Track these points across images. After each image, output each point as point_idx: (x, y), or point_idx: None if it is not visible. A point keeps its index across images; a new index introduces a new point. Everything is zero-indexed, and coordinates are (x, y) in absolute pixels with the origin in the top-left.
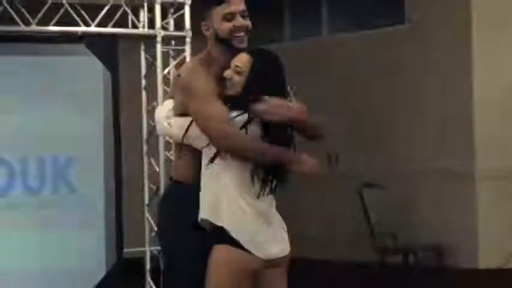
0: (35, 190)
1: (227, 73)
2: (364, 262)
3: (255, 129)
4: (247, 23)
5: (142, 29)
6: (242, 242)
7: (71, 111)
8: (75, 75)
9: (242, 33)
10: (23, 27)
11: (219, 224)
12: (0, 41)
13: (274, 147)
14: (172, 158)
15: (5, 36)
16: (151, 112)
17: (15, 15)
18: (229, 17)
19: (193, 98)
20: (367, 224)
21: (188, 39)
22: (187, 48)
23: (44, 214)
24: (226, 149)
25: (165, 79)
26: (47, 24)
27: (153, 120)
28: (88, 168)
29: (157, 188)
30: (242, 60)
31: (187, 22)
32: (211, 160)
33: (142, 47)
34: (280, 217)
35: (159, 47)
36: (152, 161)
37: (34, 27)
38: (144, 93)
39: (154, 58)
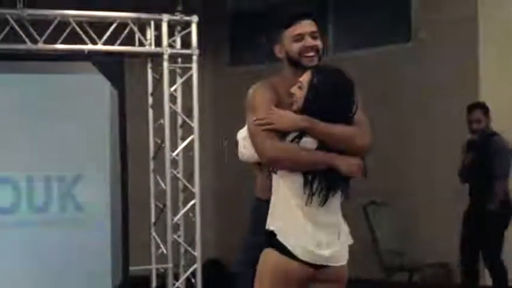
0: (41, 209)
1: (292, 89)
2: (370, 280)
3: (309, 141)
4: (317, 43)
5: (149, 47)
6: (289, 246)
7: (78, 129)
8: (82, 93)
9: (312, 53)
10: (30, 45)
11: (271, 228)
12: (8, 59)
13: (316, 154)
14: (178, 176)
15: (12, 54)
16: (157, 130)
17: (22, 34)
18: (298, 37)
19: (250, 114)
20: (373, 242)
21: (195, 57)
22: (194, 66)
23: (50, 232)
24: (269, 164)
25: (172, 97)
26: (54, 43)
27: (160, 138)
28: (94, 186)
29: (164, 206)
30: (305, 76)
31: (194, 40)
32: (272, 170)
33: (149, 65)
34: (346, 228)
35: (165, 65)
36: (159, 179)
37: (41, 46)
38: (150, 111)
39: (161, 76)
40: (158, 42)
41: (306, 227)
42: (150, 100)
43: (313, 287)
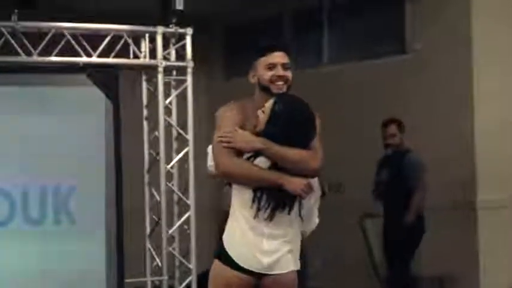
0: (36, 220)
1: (258, 112)
2: None
3: (263, 160)
4: (287, 74)
5: (144, 59)
6: (232, 255)
7: (73, 141)
8: (77, 106)
9: (281, 82)
10: (24, 58)
11: (221, 239)
12: (2, 72)
13: (266, 172)
14: (173, 188)
15: (6, 66)
16: (152, 142)
17: (16, 46)
18: (270, 66)
19: (216, 131)
20: (369, 254)
21: (190, 70)
22: (189, 78)
23: (45, 244)
24: (223, 175)
25: (167, 109)
26: (49, 55)
27: (155, 150)
28: (89, 198)
29: (159, 219)
30: (269, 102)
31: (188, 52)
32: (227, 183)
33: (144, 77)
34: (297, 247)
35: (160, 77)
36: (154, 191)
37: (36, 58)
38: (145, 123)
39: (156, 88)
40: (153, 54)
41: (250, 237)
42: (145, 112)
43: None
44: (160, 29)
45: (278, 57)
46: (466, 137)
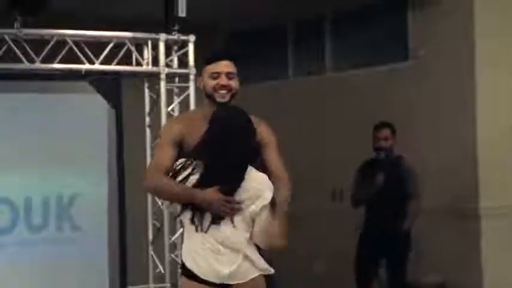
0: (38, 228)
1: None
2: None
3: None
4: (231, 83)
5: (146, 67)
6: (195, 270)
7: (75, 148)
8: (80, 113)
9: (224, 91)
10: (27, 65)
11: (182, 257)
12: (5, 79)
13: (183, 192)
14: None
15: (9, 73)
16: (155, 149)
17: (19, 53)
18: (215, 75)
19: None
20: None
21: (192, 77)
22: (191, 85)
23: (48, 251)
24: (145, 190)
25: (169, 116)
26: (51, 62)
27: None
28: (92, 205)
29: (161, 225)
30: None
31: (191, 59)
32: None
33: (146, 85)
34: (250, 249)
35: (162, 85)
36: (156, 198)
37: (38, 65)
38: (148, 130)
39: (158, 95)
40: (155, 61)
41: (203, 251)
42: (148, 120)
43: None
44: (162, 36)
45: (223, 66)
46: (468, 144)
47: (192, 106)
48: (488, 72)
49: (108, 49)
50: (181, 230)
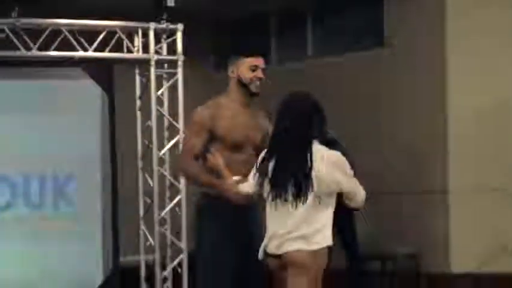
0: (36, 205)
1: None
2: (343, 269)
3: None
4: (264, 76)
5: (137, 54)
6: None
7: (70, 131)
8: (74, 98)
9: (258, 82)
10: (24, 52)
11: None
12: (2, 66)
13: (211, 180)
14: (165, 173)
15: (6, 61)
16: (145, 131)
17: (16, 41)
18: (253, 68)
19: (187, 125)
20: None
21: (180, 63)
22: (180, 71)
23: (45, 227)
24: (178, 173)
25: (159, 100)
26: (47, 50)
27: (147, 139)
28: (86, 184)
29: (152, 202)
30: None
31: (179, 46)
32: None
33: (137, 71)
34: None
35: (152, 70)
36: (147, 176)
37: (35, 52)
38: (138, 113)
39: (148, 80)
40: (145, 48)
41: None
42: (138, 103)
43: (285, 273)
44: (152, 25)
45: (261, 61)
46: (440, 126)
47: (181, 91)
48: (458, 58)
49: (100, 37)
50: (170, 206)
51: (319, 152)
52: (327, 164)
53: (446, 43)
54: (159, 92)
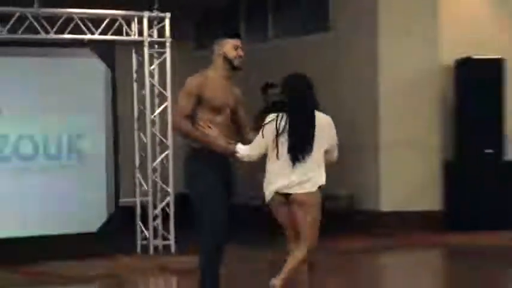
0: (53, 158)
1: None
2: None
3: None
4: (243, 54)
5: (134, 37)
6: (275, 187)
7: (81, 98)
8: (84, 72)
9: (240, 59)
10: (44, 35)
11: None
12: (27, 46)
13: (206, 136)
14: (156, 132)
15: (30, 42)
16: (140, 98)
17: (37, 26)
18: (236, 47)
19: (181, 91)
20: None
21: (168, 44)
22: (168, 51)
23: (61, 175)
24: (174, 130)
25: (151, 74)
26: (62, 33)
27: (142, 105)
28: (93, 141)
29: (145, 155)
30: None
31: (167, 31)
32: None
33: (134, 50)
34: (311, 175)
35: (146, 50)
36: (142, 135)
37: (52, 35)
38: (135, 84)
39: (143, 58)
40: (140, 32)
41: (271, 174)
42: (135, 76)
43: (292, 206)
44: (146, 14)
45: (240, 42)
46: (373, 94)
47: (168, 67)
48: (389, 40)
49: (104, 23)
50: (160, 158)
51: (320, 116)
52: (327, 125)
53: (380, 26)
54: (151, 67)
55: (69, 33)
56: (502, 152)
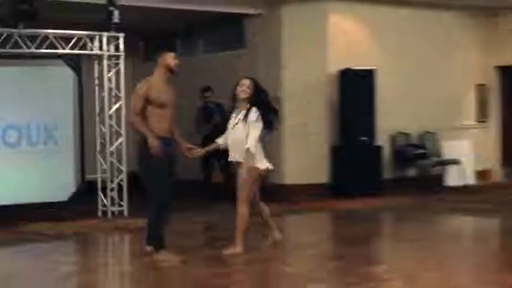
0: (34, 144)
1: (243, 87)
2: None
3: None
4: (178, 62)
5: (96, 51)
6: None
7: (55, 98)
8: (57, 78)
9: (177, 67)
10: (26, 50)
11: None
12: (12, 58)
13: (146, 131)
14: (113, 124)
15: (15, 55)
16: (101, 98)
17: (21, 42)
18: (173, 58)
19: (133, 93)
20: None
21: (122, 57)
22: (121, 62)
23: (40, 157)
24: (129, 126)
25: (109, 80)
26: (40, 48)
27: (102, 103)
28: (65, 131)
29: (104, 141)
30: (245, 81)
31: (121, 47)
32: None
33: (96, 61)
34: (244, 144)
35: (105, 62)
36: (102, 127)
37: (33, 50)
38: (96, 87)
39: (102, 67)
40: (101, 48)
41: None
42: (96, 81)
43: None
44: (105, 34)
45: (176, 54)
46: (279, 93)
47: (122, 74)
48: (291, 50)
49: (73, 41)
50: (116, 144)
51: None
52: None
53: (282, 43)
54: (109, 75)
55: (46, 48)
56: (373, 139)
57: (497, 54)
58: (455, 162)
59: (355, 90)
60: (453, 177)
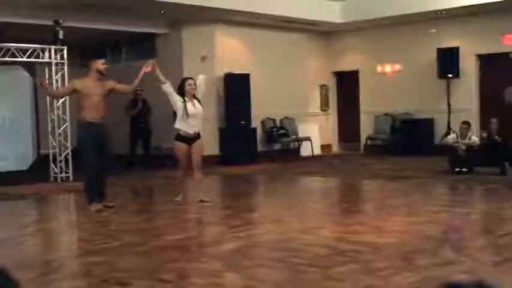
0: (1, 128)
1: (192, 86)
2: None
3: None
4: (106, 67)
5: (47, 59)
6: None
7: (17, 95)
8: (17, 80)
9: (104, 70)
10: None
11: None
12: None
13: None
14: (60, 113)
15: None
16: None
17: None
18: (102, 64)
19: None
20: None
21: (66, 63)
22: (65, 67)
23: (6, 138)
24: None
25: (56, 80)
26: (4, 57)
27: (51, 99)
28: (25, 118)
29: (54, 125)
30: (191, 81)
31: (65, 56)
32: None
33: (47, 67)
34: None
35: (53, 67)
36: (52, 115)
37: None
38: (47, 87)
39: (51, 71)
40: (50, 57)
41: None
42: (47, 82)
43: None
44: (53, 47)
45: (104, 61)
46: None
47: (66, 77)
48: (189, 62)
49: (29, 52)
50: (63, 127)
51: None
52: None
53: (183, 55)
54: (56, 77)
55: (9, 57)
56: (250, 123)
57: (333, 63)
58: (307, 139)
59: (236, 88)
60: (306, 150)
